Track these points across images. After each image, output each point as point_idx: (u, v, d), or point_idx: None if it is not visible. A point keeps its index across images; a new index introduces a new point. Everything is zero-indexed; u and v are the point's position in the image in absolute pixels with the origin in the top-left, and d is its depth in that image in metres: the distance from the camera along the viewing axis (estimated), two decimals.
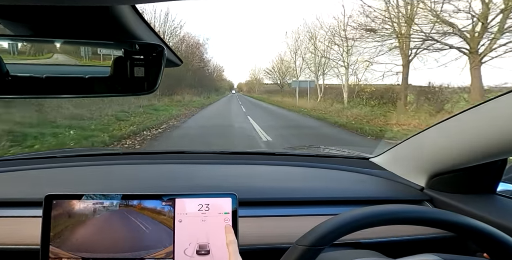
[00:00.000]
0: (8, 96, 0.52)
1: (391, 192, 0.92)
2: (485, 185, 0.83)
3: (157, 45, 0.52)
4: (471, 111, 0.70)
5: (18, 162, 1.03)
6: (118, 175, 1.00)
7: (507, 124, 0.61)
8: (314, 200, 0.85)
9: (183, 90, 18.75)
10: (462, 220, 0.51)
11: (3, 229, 0.69)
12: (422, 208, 0.56)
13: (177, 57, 0.66)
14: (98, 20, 0.44)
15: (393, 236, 0.74)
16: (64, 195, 0.59)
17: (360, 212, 0.52)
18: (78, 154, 1.13)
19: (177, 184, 0.93)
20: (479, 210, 0.74)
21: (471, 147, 0.71)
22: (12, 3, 0.35)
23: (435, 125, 0.81)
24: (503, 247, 0.49)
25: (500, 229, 0.51)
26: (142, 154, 1.26)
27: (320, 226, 0.51)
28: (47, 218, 0.57)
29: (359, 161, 1.14)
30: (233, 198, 0.61)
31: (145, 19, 0.51)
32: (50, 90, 0.51)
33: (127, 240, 0.58)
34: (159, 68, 0.52)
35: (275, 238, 0.71)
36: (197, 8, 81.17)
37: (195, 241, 0.58)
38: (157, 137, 6.18)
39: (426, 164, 0.88)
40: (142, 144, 5.54)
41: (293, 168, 1.09)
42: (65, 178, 0.95)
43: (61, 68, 0.52)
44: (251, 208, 0.78)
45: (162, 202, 0.60)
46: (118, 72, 0.52)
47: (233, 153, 1.22)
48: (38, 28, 0.46)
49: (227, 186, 0.90)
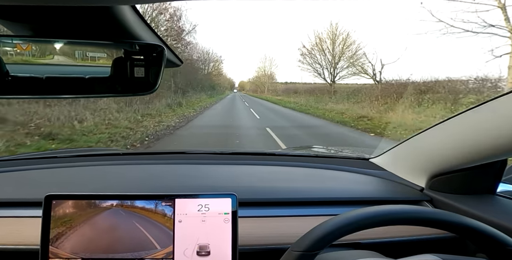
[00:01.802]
0: (8, 96, 0.53)
1: (391, 193, 0.92)
2: (485, 186, 0.83)
3: (157, 45, 0.52)
4: (471, 112, 0.70)
5: (18, 162, 1.03)
6: (118, 176, 1.00)
7: (507, 125, 0.61)
8: (314, 200, 0.85)
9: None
10: (462, 221, 0.51)
11: (3, 229, 0.69)
12: (422, 209, 0.56)
13: (177, 57, 0.66)
14: (98, 20, 0.44)
15: (393, 236, 0.74)
16: (64, 195, 0.59)
17: (359, 213, 0.51)
18: (78, 154, 1.13)
19: (177, 185, 0.93)
20: (479, 210, 0.74)
21: (471, 148, 0.71)
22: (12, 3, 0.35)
23: (435, 126, 0.81)
24: (502, 247, 0.49)
25: (500, 229, 0.51)
26: (142, 154, 1.26)
27: (313, 230, 0.50)
28: (47, 218, 0.57)
29: (359, 162, 1.14)
30: (233, 198, 0.61)
31: (145, 19, 0.51)
32: (50, 90, 0.51)
33: (127, 241, 0.58)
34: (159, 68, 0.52)
35: (275, 239, 0.71)
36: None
37: (195, 242, 0.58)
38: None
39: (426, 165, 0.88)
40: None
41: (293, 168, 1.09)
42: (65, 178, 0.94)
43: (61, 68, 0.52)
44: (251, 208, 0.78)
45: (162, 203, 0.60)
46: (118, 72, 0.52)
47: (233, 154, 1.22)
48: (38, 28, 0.46)
49: (227, 187, 0.90)
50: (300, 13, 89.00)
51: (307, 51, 23.60)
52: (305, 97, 21.55)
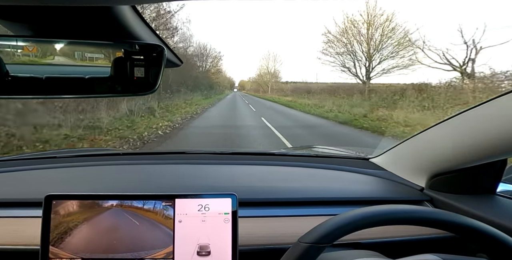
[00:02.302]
0: (8, 96, 0.52)
1: (391, 193, 0.92)
2: (485, 186, 0.83)
3: (157, 45, 0.52)
4: (471, 111, 0.70)
5: (18, 162, 1.03)
6: (118, 176, 1.00)
7: (507, 124, 0.61)
8: (314, 200, 0.85)
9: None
10: (462, 221, 0.51)
11: (3, 229, 0.69)
12: (422, 209, 0.56)
13: (177, 57, 0.66)
14: (98, 21, 0.44)
15: (393, 236, 0.74)
16: (64, 196, 0.59)
17: (362, 211, 0.52)
18: (78, 155, 1.13)
19: (177, 185, 0.93)
20: (479, 210, 0.74)
21: (471, 147, 0.71)
22: (12, 3, 0.35)
23: (435, 125, 0.81)
24: (503, 247, 0.49)
25: (500, 229, 0.51)
26: (142, 154, 1.26)
27: (323, 224, 0.51)
28: (47, 218, 0.57)
29: (359, 162, 1.14)
30: (233, 198, 0.61)
31: (145, 19, 0.51)
32: (50, 91, 0.51)
33: (127, 241, 0.58)
34: (159, 68, 0.52)
35: (274, 239, 0.71)
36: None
37: (195, 242, 0.58)
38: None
39: (426, 164, 0.88)
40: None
41: (293, 168, 1.09)
42: (65, 179, 0.94)
43: (61, 68, 0.52)
44: (251, 208, 0.78)
45: (162, 203, 0.60)
46: (118, 72, 0.52)
47: (233, 154, 1.22)
48: (38, 28, 0.46)
49: (227, 187, 0.90)
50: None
51: (334, 37, 17.49)
52: (323, 98, 16.77)
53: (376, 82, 16.28)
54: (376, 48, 15.84)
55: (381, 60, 15.88)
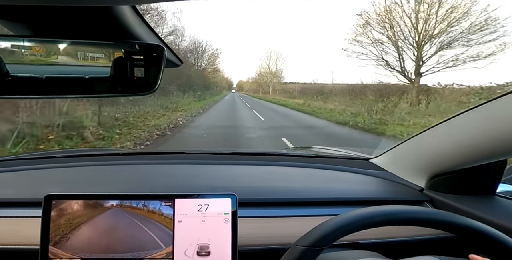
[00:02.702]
0: (8, 96, 0.52)
1: (391, 193, 0.92)
2: (485, 186, 0.83)
3: (157, 45, 0.52)
4: (471, 112, 0.70)
5: (18, 162, 1.03)
6: (118, 176, 1.00)
7: (507, 125, 0.61)
8: (314, 200, 0.85)
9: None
10: (462, 221, 0.51)
11: (3, 229, 0.69)
12: (421, 209, 0.56)
13: (177, 57, 0.66)
14: (99, 21, 0.44)
15: (393, 236, 0.74)
16: (64, 195, 0.59)
17: (360, 212, 0.51)
18: (78, 155, 1.13)
19: (176, 185, 0.93)
20: (479, 211, 0.74)
21: (471, 148, 0.71)
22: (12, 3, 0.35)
23: (435, 126, 0.81)
24: (503, 248, 0.49)
25: (500, 230, 0.51)
26: (142, 154, 1.26)
27: (319, 226, 0.51)
28: (47, 218, 0.57)
29: (358, 162, 1.14)
30: (232, 198, 0.61)
31: (145, 19, 0.51)
32: (50, 90, 0.51)
33: (127, 241, 0.58)
34: (159, 68, 0.52)
35: (274, 239, 0.70)
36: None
37: (195, 242, 0.58)
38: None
39: (426, 165, 0.88)
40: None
41: (292, 168, 1.09)
42: (65, 178, 0.94)
43: (61, 68, 0.52)
44: (251, 208, 0.78)
45: (161, 203, 0.60)
46: (118, 72, 0.52)
47: (233, 154, 1.22)
48: (38, 28, 0.46)
49: (227, 187, 0.90)
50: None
51: (376, 16, 12.15)
52: (345, 101, 13.14)
53: (424, 81, 11.30)
54: (433, 33, 10.67)
55: (439, 48, 10.56)
